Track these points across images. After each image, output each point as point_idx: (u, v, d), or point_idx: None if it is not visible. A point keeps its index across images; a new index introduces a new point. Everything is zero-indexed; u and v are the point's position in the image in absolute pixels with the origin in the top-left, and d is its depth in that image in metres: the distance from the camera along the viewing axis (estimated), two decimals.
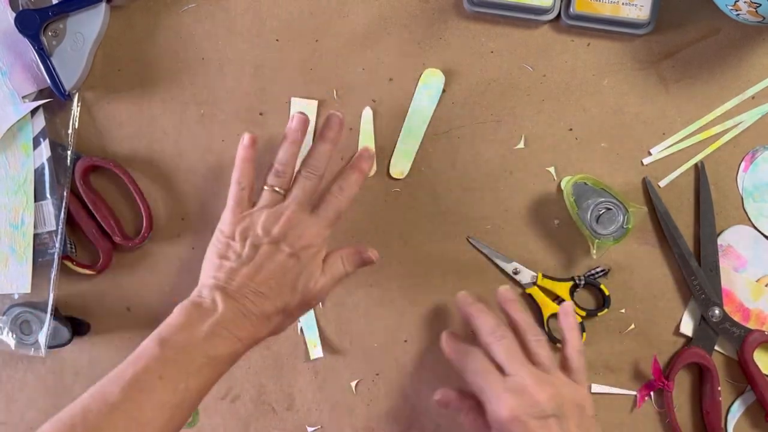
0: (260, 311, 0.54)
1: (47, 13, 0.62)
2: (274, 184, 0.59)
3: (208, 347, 0.51)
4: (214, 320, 0.52)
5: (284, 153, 0.60)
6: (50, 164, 0.65)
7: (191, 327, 0.52)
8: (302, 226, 0.57)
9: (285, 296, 0.56)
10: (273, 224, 0.57)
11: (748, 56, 0.65)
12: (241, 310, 0.54)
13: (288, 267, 0.56)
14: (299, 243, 0.56)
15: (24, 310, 0.65)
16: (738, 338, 0.64)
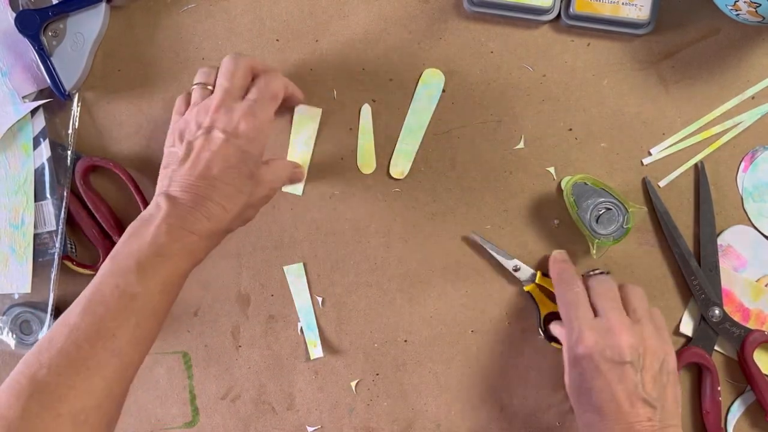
0: (213, 201, 0.53)
1: (47, 13, 0.62)
2: (201, 80, 0.59)
3: (158, 246, 0.51)
4: (158, 221, 0.52)
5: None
6: (50, 164, 0.65)
7: (138, 236, 0.52)
8: (232, 111, 0.55)
9: (235, 181, 0.54)
10: (203, 116, 0.56)
11: (747, 56, 0.65)
12: (189, 204, 0.53)
13: (228, 152, 0.54)
14: (231, 126, 0.55)
15: (24, 310, 0.65)
16: (738, 338, 0.64)
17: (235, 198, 0.54)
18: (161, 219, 0.52)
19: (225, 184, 0.54)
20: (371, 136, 0.66)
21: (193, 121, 0.56)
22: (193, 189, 0.53)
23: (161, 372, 0.68)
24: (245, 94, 0.57)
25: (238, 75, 0.57)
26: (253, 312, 0.68)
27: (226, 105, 0.55)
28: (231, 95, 0.56)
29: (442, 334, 0.67)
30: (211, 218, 0.53)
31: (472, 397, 0.67)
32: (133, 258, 0.50)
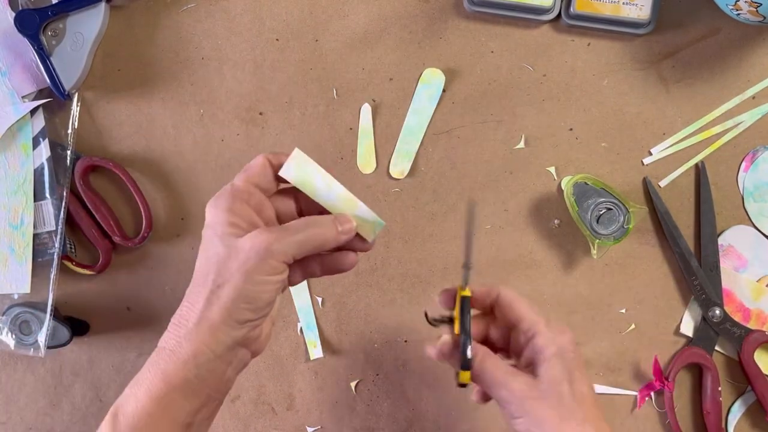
0: (184, 302, 0.48)
1: (47, 13, 0.62)
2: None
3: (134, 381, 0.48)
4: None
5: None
6: (50, 164, 0.65)
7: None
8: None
9: (199, 267, 0.48)
10: None
11: (748, 56, 0.65)
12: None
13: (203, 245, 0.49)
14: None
15: (23, 310, 0.65)
16: (738, 338, 0.64)
17: (200, 287, 0.46)
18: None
19: (195, 279, 0.47)
20: (371, 136, 0.66)
21: None
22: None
23: None
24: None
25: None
26: None
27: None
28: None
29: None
30: (179, 321, 0.46)
31: None
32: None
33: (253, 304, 0.45)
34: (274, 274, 0.45)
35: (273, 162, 0.49)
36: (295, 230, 0.46)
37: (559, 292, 0.66)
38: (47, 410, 0.68)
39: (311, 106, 0.66)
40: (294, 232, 0.46)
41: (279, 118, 0.66)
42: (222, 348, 0.46)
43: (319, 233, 0.47)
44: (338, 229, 0.48)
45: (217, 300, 0.45)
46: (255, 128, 0.67)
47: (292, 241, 0.46)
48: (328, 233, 0.47)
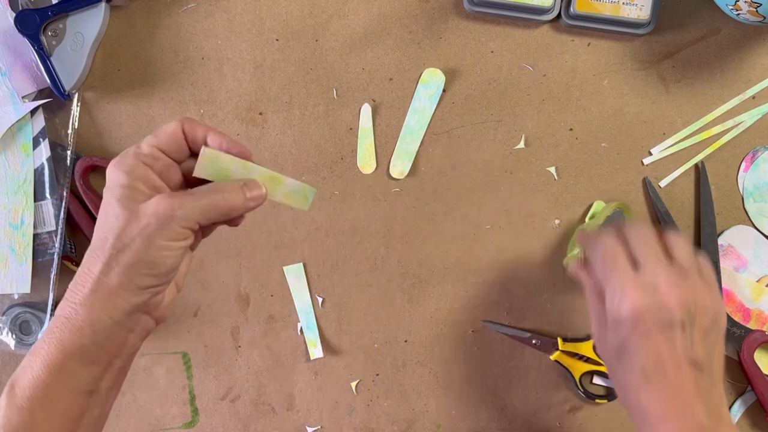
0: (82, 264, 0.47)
1: (47, 13, 0.62)
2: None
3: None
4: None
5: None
6: (50, 164, 0.65)
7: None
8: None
9: (98, 229, 0.48)
10: None
11: (748, 56, 0.65)
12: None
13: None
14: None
15: (24, 310, 0.65)
16: (738, 338, 0.64)
17: (98, 251, 0.45)
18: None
19: (93, 243, 0.46)
20: (371, 136, 0.66)
21: None
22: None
23: (161, 372, 0.68)
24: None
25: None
26: (253, 312, 0.68)
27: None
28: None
29: (442, 334, 0.67)
30: (75, 288, 0.45)
31: (472, 397, 0.67)
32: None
33: (154, 270, 0.44)
34: (177, 240, 0.44)
35: (187, 130, 0.47)
36: (201, 196, 0.45)
37: (559, 292, 0.66)
38: None
39: (311, 106, 0.66)
40: (199, 197, 0.45)
41: (279, 118, 0.67)
42: (120, 314, 0.44)
43: (226, 199, 0.46)
44: (246, 196, 0.46)
45: (116, 265, 0.44)
46: (255, 128, 0.67)
47: (196, 206, 0.45)
48: (236, 199, 0.46)
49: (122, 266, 0.44)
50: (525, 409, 0.67)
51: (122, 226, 0.44)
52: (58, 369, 0.44)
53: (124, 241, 0.44)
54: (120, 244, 0.44)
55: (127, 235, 0.44)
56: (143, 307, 0.46)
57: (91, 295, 0.44)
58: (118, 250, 0.44)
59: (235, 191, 0.46)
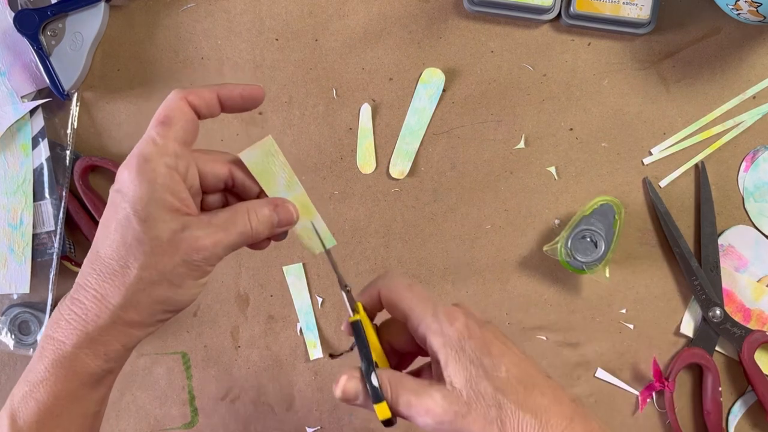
0: (87, 288, 0.42)
1: (46, 13, 0.62)
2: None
3: (25, 376, 0.44)
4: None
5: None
6: (49, 164, 0.65)
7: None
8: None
9: (117, 253, 0.42)
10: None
11: (748, 56, 0.65)
12: (64, 304, 0.43)
13: (108, 215, 0.43)
14: (116, 181, 0.43)
15: (23, 310, 0.65)
16: (739, 338, 0.64)
17: (116, 279, 0.40)
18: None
19: (104, 263, 0.40)
20: (371, 136, 0.66)
21: None
22: (77, 280, 0.42)
23: (160, 372, 0.68)
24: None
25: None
26: (253, 312, 0.68)
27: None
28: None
29: None
30: (84, 314, 0.40)
31: None
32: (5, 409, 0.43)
33: (177, 307, 0.42)
34: (204, 277, 0.42)
35: (196, 104, 0.41)
36: (231, 229, 0.41)
37: (559, 293, 0.66)
38: None
39: (311, 106, 0.66)
40: (231, 232, 0.41)
41: (279, 118, 0.66)
42: (134, 343, 0.42)
43: (256, 231, 0.42)
44: (274, 221, 0.43)
45: (140, 304, 0.40)
46: (254, 128, 0.67)
47: (228, 244, 0.41)
48: (264, 231, 0.42)
49: (147, 305, 0.40)
50: None
51: (150, 258, 0.39)
52: (69, 397, 0.41)
53: (152, 279, 0.39)
54: (147, 281, 0.39)
55: (156, 272, 0.39)
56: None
57: (108, 328, 0.40)
58: (145, 287, 0.40)
59: (265, 216, 0.42)
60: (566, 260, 0.62)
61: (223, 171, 0.44)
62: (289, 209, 0.43)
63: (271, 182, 0.44)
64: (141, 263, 0.39)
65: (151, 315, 0.41)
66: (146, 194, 0.39)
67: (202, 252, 0.40)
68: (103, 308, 0.40)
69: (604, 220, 0.62)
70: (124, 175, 0.40)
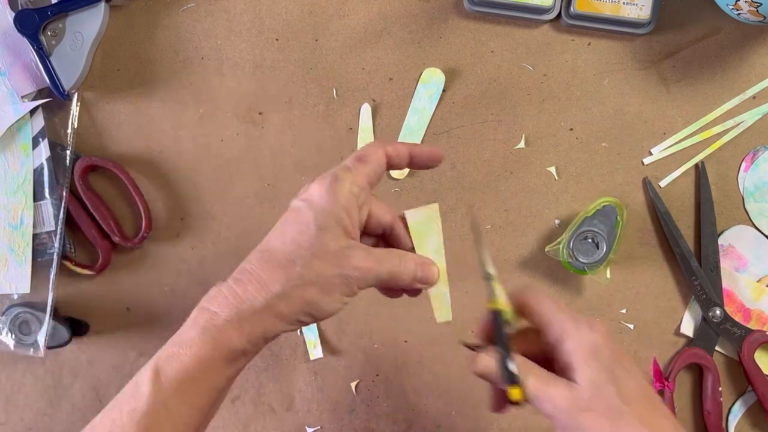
0: (253, 273, 0.46)
1: (46, 13, 0.62)
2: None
3: (174, 338, 0.47)
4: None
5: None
6: (49, 164, 0.65)
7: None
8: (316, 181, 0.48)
9: (290, 250, 0.46)
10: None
11: (748, 56, 0.65)
12: (227, 283, 0.47)
13: (290, 218, 0.47)
14: (306, 192, 0.47)
15: (23, 310, 0.65)
16: (739, 338, 0.64)
17: (281, 271, 0.44)
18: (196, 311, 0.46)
19: (273, 254, 0.44)
20: (371, 136, 0.66)
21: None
22: (242, 265, 0.46)
23: None
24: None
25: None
26: None
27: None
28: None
29: (442, 334, 0.67)
30: (243, 293, 0.44)
31: (472, 397, 0.67)
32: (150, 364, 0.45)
33: (319, 314, 0.45)
34: (350, 296, 0.45)
35: (391, 154, 0.47)
36: (384, 262, 0.45)
37: (560, 293, 0.66)
38: (47, 411, 0.68)
39: (311, 106, 0.66)
40: (383, 264, 0.45)
41: (279, 118, 0.66)
42: (272, 334, 0.46)
43: (401, 275, 0.46)
44: (417, 276, 0.47)
45: (292, 298, 0.44)
46: (255, 128, 0.67)
47: (378, 275, 0.45)
48: (407, 279, 0.47)
49: (298, 301, 0.44)
50: (525, 409, 0.67)
51: (314, 261, 0.43)
52: (209, 365, 0.44)
53: (311, 279, 0.43)
54: (306, 280, 0.43)
55: (315, 274, 0.43)
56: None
57: (260, 311, 0.44)
58: (302, 283, 0.43)
59: (411, 267, 0.46)
60: (568, 261, 0.62)
61: (387, 219, 0.48)
62: (433, 270, 0.48)
63: (423, 243, 0.49)
64: (305, 263, 0.43)
65: (296, 312, 0.44)
66: (329, 208, 0.44)
67: (358, 272, 0.44)
68: (261, 292, 0.44)
69: (606, 221, 0.62)
70: (315, 188, 0.45)
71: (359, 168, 0.45)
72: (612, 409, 0.42)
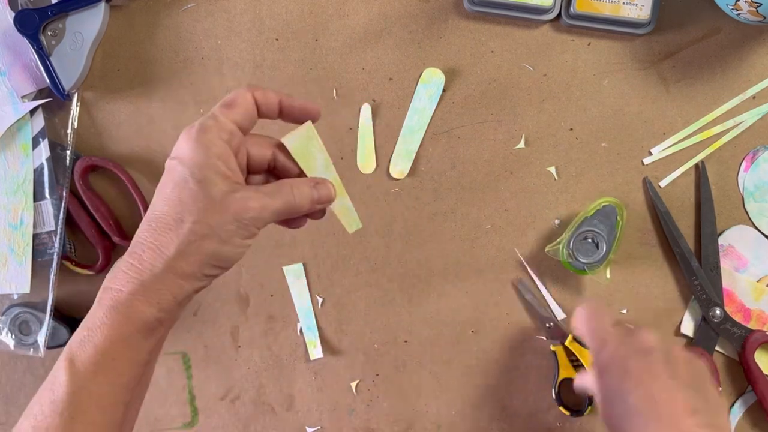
0: (145, 242, 0.45)
1: (46, 13, 0.62)
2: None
3: (84, 323, 0.46)
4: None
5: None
6: (49, 164, 0.65)
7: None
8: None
9: (173, 210, 0.45)
10: None
11: (748, 56, 0.65)
12: (123, 258, 0.46)
13: (167, 179, 0.47)
14: (175, 149, 0.47)
15: (23, 310, 0.65)
16: (739, 339, 0.64)
17: (171, 232, 0.43)
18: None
19: (160, 218, 0.44)
20: (371, 136, 0.66)
21: None
22: (134, 239, 0.45)
23: (160, 372, 0.68)
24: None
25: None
26: (253, 312, 0.68)
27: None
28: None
29: (442, 334, 0.67)
30: (140, 264, 0.44)
31: (472, 397, 0.67)
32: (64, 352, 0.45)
33: (224, 263, 0.45)
34: (251, 238, 0.45)
35: (259, 100, 0.46)
36: (277, 196, 0.45)
37: (560, 292, 0.66)
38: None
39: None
40: (277, 199, 0.45)
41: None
42: (184, 296, 0.45)
43: (297, 200, 0.46)
44: (315, 196, 0.47)
45: (192, 255, 0.43)
46: (254, 128, 0.66)
47: (274, 210, 0.45)
48: (305, 204, 0.46)
49: (197, 257, 0.43)
50: (525, 409, 0.67)
51: (203, 214, 0.43)
52: (123, 342, 0.44)
53: (204, 232, 0.43)
54: (199, 234, 0.43)
55: (208, 226, 0.43)
56: (200, 288, 0.46)
57: (161, 275, 0.43)
58: (196, 239, 0.43)
59: (306, 192, 0.46)
60: (568, 261, 0.62)
61: (267, 153, 0.48)
62: (328, 187, 0.48)
63: (310, 164, 0.48)
64: (195, 218, 0.43)
65: (200, 267, 0.44)
66: (202, 160, 0.43)
67: (251, 212, 0.44)
68: (157, 258, 0.43)
69: (606, 221, 0.62)
70: (182, 143, 0.44)
71: (226, 114, 0.45)
72: (611, 425, 0.47)
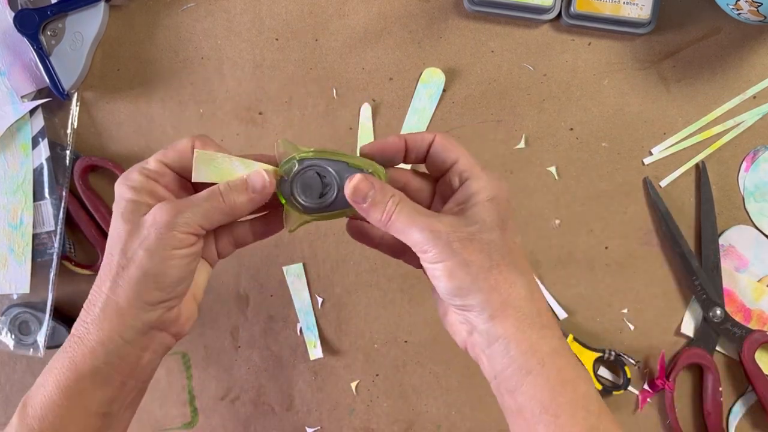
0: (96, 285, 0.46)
1: (46, 13, 0.62)
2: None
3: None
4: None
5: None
6: (49, 164, 0.65)
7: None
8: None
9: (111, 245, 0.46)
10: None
11: (749, 56, 0.65)
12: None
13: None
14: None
15: (23, 310, 0.65)
16: (739, 339, 0.64)
17: (106, 267, 0.44)
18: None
19: (105, 260, 0.44)
20: (371, 136, 0.66)
21: None
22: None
23: (160, 372, 0.68)
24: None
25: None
26: (253, 312, 0.68)
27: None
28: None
29: (442, 334, 0.67)
30: (88, 306, 0.44)
31: (472, 397, 0.67)
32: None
33: (160, 282, 0.42)
34: (181, 248, 0.43)
35: (197, 147, 0.45)
36: (201, 198, 0.44)
37: (560, 293, 0.66)
38: None
39: (311, 105, 0.66)
40: (199, 200, 0.43)
41: (279, 117, 0.66)
42: (131, 333, 0.43)
43: (227, 199, 0.44)
44: (248, 189, 0.44)
45: (123, 281, 0.42)
46: (254, 128, 0.66)
47: (197, 210, 0.43)
48: (237, 198, 0.44)
49: (128, 282, 0.42)
50: None
51: (125, 241, 0.43)
52: (71, 390, 0.42)
53: (127, 256, 0.42)
54: (124, 259, 0.42)
55: (130, 249, 0.42)
56: (157, 324, 0.44)
57: (101, 314, 0.43)
58: (122, 266, 0.42)
59: (237, 189, 0.44)
60: (282, 193, 0.47)
61: (249, 236, 0.49)
62: (259, 171, 0.45)
63: (233, 175, 0.45)
64: (120, 247, 0.43)
65: (137, 294, 0.42)
66: (126, 195, 0.44)
67: (167, 217, 0.42)
68: (97, 297, 0.43)
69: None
70: (115, 186, 0.45)
71: (154, 156, 0.45)
72: (494, 249, 0.42)
